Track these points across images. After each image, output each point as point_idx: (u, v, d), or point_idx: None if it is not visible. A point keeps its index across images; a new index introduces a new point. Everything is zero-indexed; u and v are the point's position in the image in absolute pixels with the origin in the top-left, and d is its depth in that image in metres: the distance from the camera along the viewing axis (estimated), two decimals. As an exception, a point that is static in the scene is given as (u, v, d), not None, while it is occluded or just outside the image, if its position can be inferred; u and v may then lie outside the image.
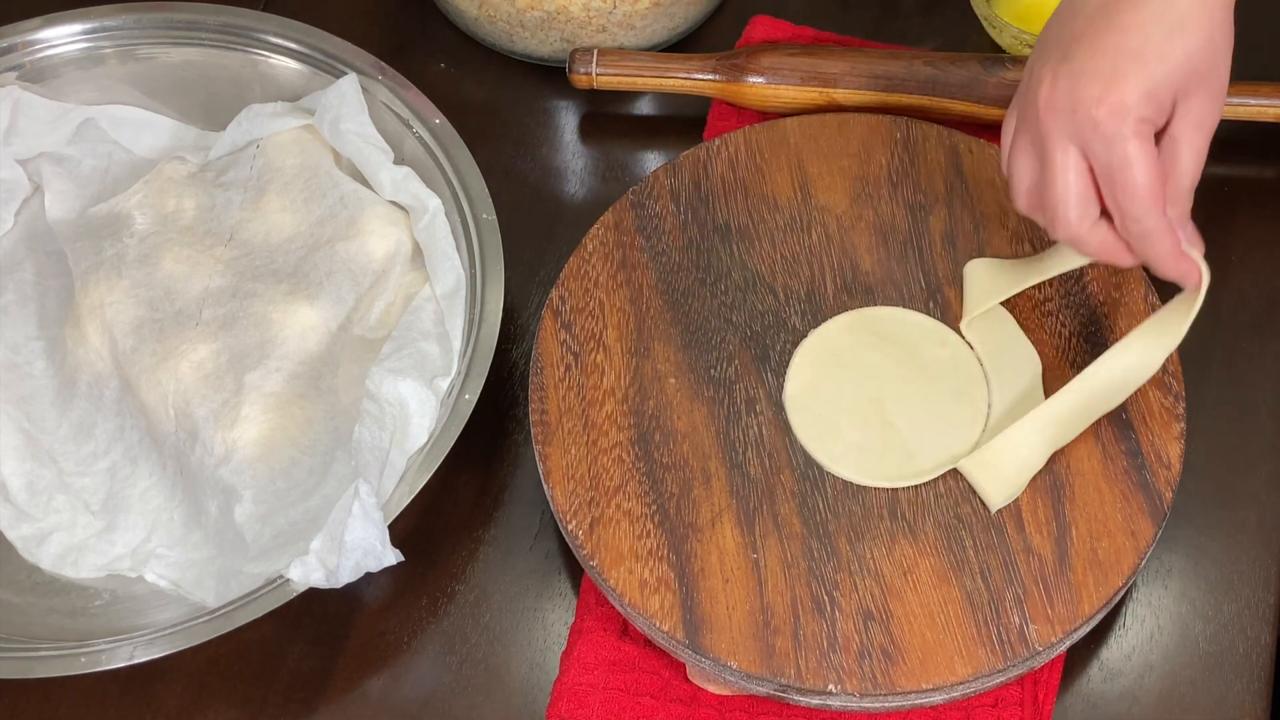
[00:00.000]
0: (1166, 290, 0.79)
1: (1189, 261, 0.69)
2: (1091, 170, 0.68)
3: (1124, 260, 0.70)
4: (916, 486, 0.73)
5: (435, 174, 0.82)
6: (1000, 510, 0.72)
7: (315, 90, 0.86)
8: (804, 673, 0.68)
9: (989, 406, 0.75)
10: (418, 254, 0.83)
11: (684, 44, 0.94)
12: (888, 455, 0.73)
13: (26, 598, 0.76)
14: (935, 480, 0.73)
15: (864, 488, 0.73)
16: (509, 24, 0.91)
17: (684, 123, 0.91)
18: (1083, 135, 0.67)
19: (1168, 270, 0.70)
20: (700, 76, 0.89)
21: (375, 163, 0.83)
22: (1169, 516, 0.72)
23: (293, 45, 0.87)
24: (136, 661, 0.70)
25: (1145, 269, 0.78)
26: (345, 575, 0.69)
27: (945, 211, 0.80)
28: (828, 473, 0.73)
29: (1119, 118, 0.66)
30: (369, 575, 0.70)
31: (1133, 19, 0.67)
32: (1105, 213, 0.69)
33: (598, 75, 0.88)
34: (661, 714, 0.72)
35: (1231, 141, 0.88)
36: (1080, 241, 0.69)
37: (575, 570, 0.77)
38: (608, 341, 0.77)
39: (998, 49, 0.92)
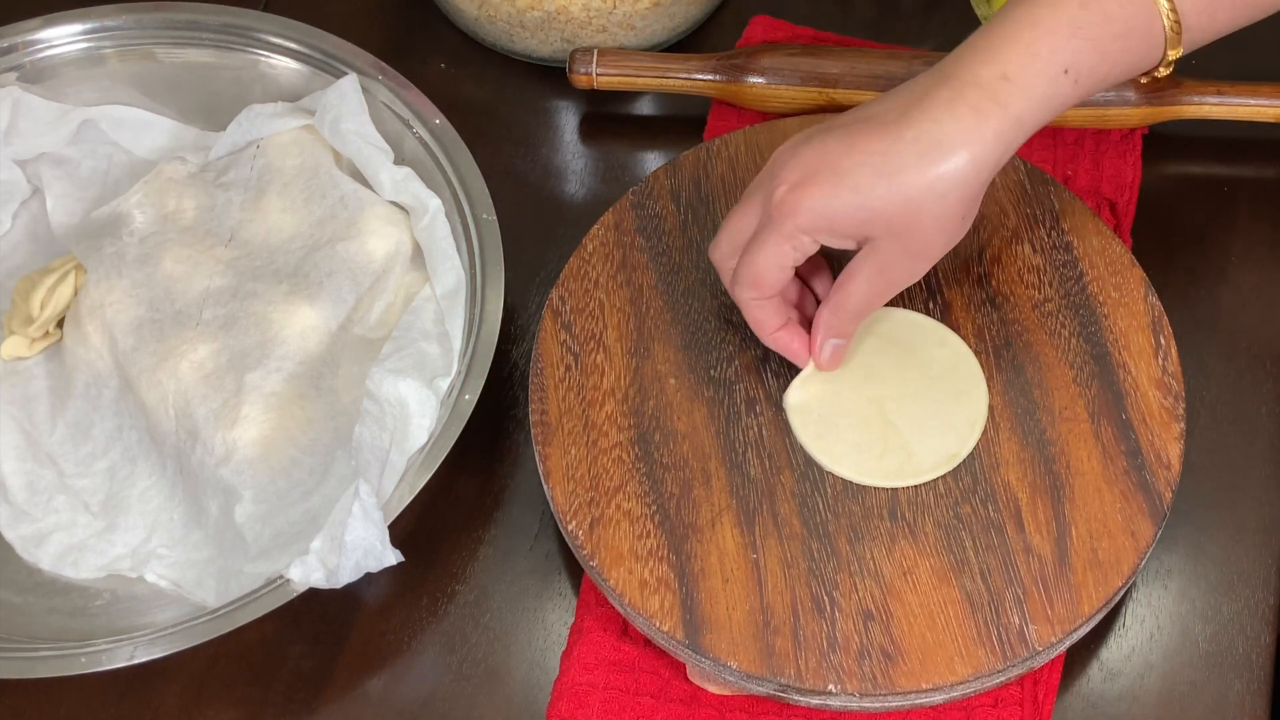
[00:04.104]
0: (1167, 290, 0.79)
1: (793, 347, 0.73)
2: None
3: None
4: (916, 486, 0.73)
5: (435, 174, 0.82)
6: (1000, 510, 0.72)
7: (315, 90, 0.86)
8: (804, 673, 0.68)
9: (989, 406, 0.75)
10: (418, 254, 0.83)
11: (684, 44, 0.94)
12: (888, 455, 0.73)
13: (27, 598, 0.76)
14: (935, 480, 0.73)
15: (864, 488, 0.73)
16: (509, 24, 0.91)
17: (684, 123, 0.91)
18: (765, 208, 0.69)
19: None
20: (700, 76, 0.89)
21: (375, 163, 0.83)
22: (1169, 516, 0.72)
23: (293, 45, 0.87)
24: (136, 661, 0.70)
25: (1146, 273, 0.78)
26: (345, 575, 0.69)
27: (945, 211, 0.80)
28: (828, 473, 0.73)
29: (785, 213, 0.68)
30: (369, 575, 0.70)
31: (876, 141, 0.67)
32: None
33: (598, 75, 0.89)
34: (661, 714, 0.72)
35: (1231, 141, 0.88)
36: (733, 295, 0.73)
37: (575, 570, 0.77)
38: (608, 342, 0.77)
39: (998, 49, 0.92)
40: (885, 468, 0.73)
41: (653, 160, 0.91)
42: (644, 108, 0.92)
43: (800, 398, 0.75)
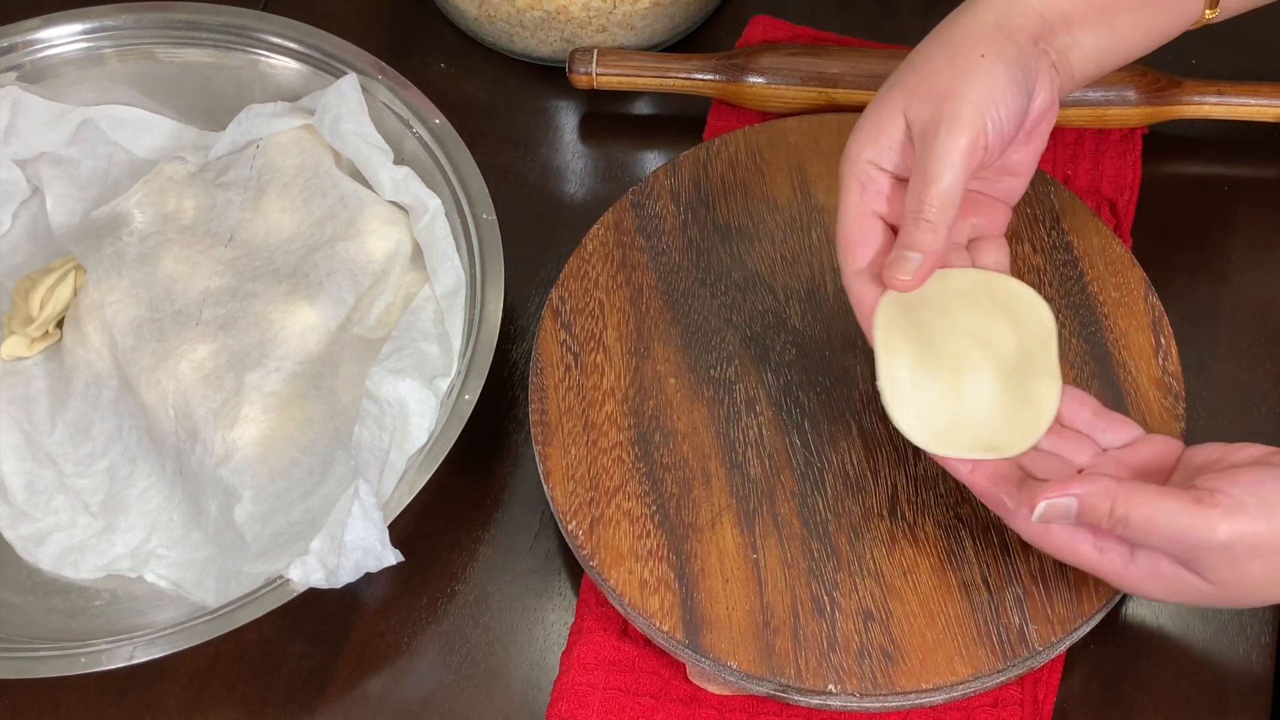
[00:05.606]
0: (1167, 290, 0.79)
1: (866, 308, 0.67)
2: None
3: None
4: (916, 485, 0.73)
5: (435, 174, 0.82)
6: (1000, 510, 0.71)
7: (315, 90, 0.86)
8: (804, 673, 0.68)
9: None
10: (418, 254, 0.83)
11: (684, 44, 0.94)
12: (937, 411, 0.67)
13: (26, 598, 0.76)
14: (935, 480, 0.73)
15: (864, 487, 0.73)
16: (509, 24, 0.91)
17: (684, 123, 0.91)
18: None
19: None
20: (700, 76, 0.89)
21: (375, 163, 0.83)
22: (1169, 516, 0.72)
23: (293, 45, 0.87)
24: (136, 661, 0.70)
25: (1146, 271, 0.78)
26: (345, 575, 0.69)
27: (945, 211, 0.80)
28: (828, 472, 0.73)
29: (843, 162, 0.68)
30: (369, 575, 0.70)
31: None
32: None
33: (598, 75, 0.89)
34: (661, 714, 0.72)
35: (1231, 141, 0.88)
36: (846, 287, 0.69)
37: (575, 570, 0.77)
38: (608, 342, 0.77)
39: (998, 49, 0.92)
40: (929, 423, 0.67)
41: (653, 160, 0.91)
42: (644, 108, 0.92)
43: (901, 298, 0.68)
